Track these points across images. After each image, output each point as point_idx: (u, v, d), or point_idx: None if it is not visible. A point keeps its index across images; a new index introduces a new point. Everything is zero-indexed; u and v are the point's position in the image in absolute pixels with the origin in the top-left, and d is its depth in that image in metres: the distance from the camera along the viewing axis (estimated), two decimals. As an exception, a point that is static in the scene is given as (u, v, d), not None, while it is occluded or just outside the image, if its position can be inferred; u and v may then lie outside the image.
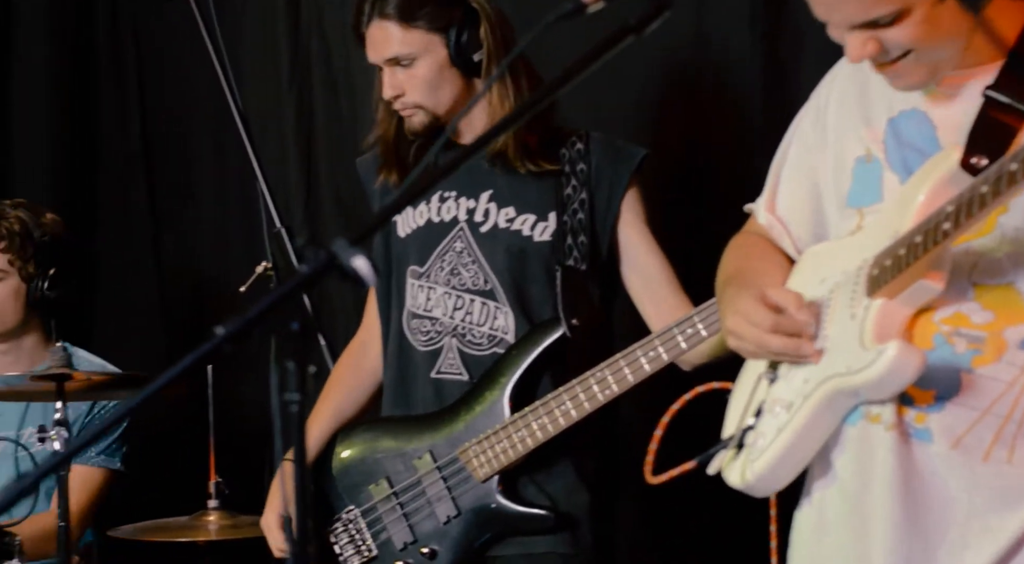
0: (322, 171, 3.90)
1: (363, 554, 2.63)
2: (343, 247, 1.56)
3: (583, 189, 2.59)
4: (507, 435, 2.53)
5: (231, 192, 4.11)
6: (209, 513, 3.12)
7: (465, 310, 2.61)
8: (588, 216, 2.59)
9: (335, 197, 3.85)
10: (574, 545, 2.55)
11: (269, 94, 3.93)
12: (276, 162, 3.69)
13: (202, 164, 4.24)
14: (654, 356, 2.46)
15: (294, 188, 3.89)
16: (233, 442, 3.22)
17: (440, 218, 2.64)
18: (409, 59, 2.57)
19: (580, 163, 2.60)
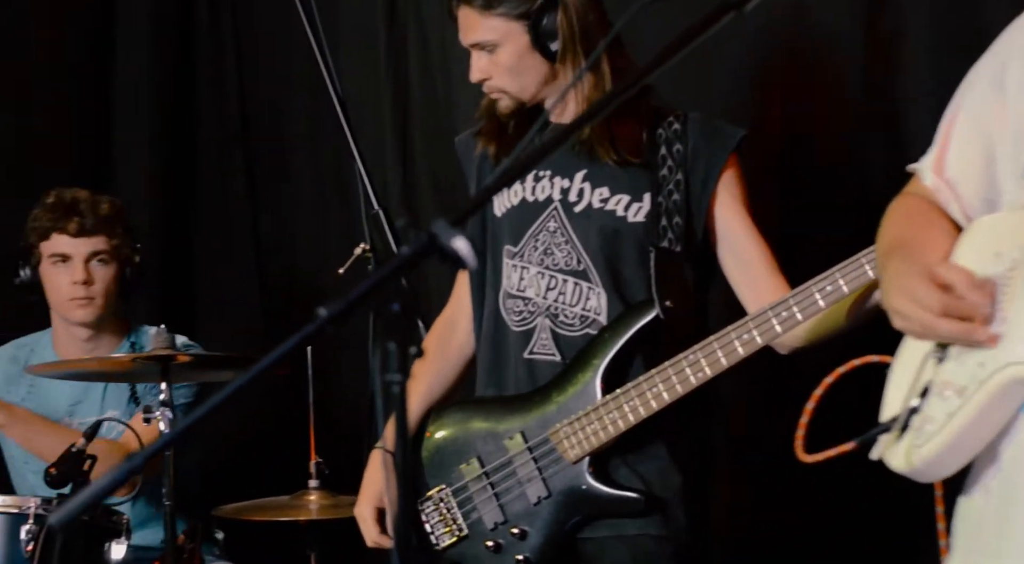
0: (418, 153, 3.91)
1: (453, 533, 2.63)
2: (443, 228, 1.56)
3: (679, 170, 2.57)
4: (598, 417, 2.52)
5: (328, 175, 4.15)
6: (310, 493, 3.15)
7: (558, 290, 2.60)
8: (683, 197, 2.56)
9: (431, 179, 3.86)
10: (666, 527, 2.54)
11: (366, 76, 3.96)
12: (373, 144, 3.72)
13: (299, 147, 4.28)
14: (748, 339, 2.44)
15: (390, 170, 3.91)
16: (333, 422, 3.25)
17: (534, 197, 2.64)
18: (491, 45, 2.57)
19: (676, 144, 2.58)
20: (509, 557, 2.57)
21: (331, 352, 3.43)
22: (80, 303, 3.49)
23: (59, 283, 3.50)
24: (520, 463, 2.58)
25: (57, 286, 3.51)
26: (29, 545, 2.84)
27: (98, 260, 3.51)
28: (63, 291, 3.50)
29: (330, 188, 4.13)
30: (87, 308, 3.50)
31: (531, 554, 2.56)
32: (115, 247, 3.52)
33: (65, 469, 2.93)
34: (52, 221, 3.50)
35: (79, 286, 3.48)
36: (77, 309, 3.51)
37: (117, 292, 3.56)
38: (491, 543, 2.59)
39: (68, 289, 3.49)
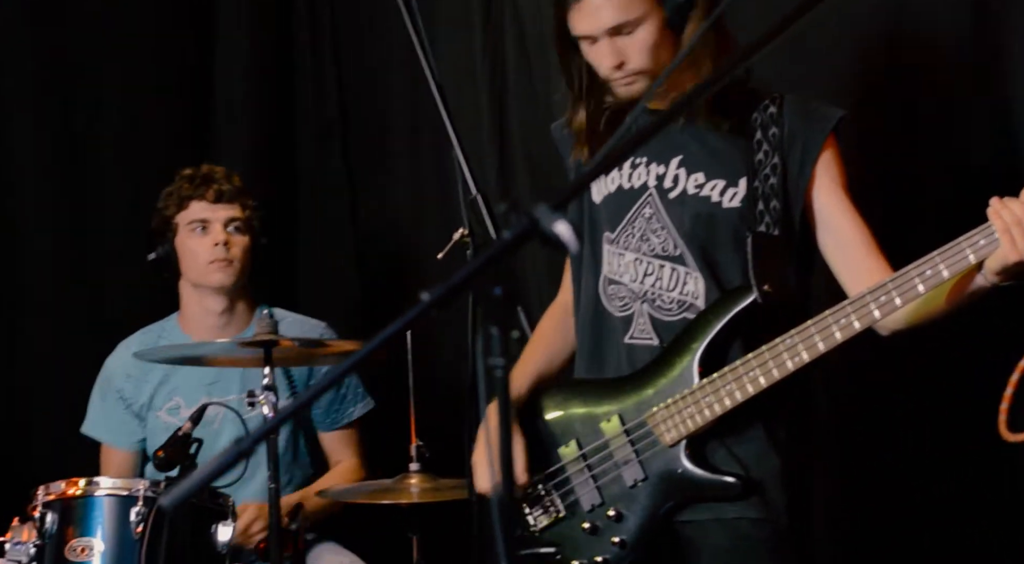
0: (515, 137, 3.91)
1: (551, 514, 2.64)
2: (545, 212, 1.56)
3: (775, 154, 2.54)
4: (695, 400, 2.51)
5: (426, 159, 4.17)
6: (411, 476, 3.17)
7: (655, 276, 2.59)
8: (780, 181, 2.53)
9: (528, 163, 3.86)
10: (765, 510, 2.52)
11: (462, 61, 3.97)
12: (469, 129, 3.72)
13: (397, 134, 4.31)
14: (845, 324, 2.41)
15: (487, 154, 3.92)
16: (433, 406, 3.27)
17: (630, 184, 2.63)
18: (633, 25, 2.53)
19: (772, 127, 2.55)
20: (605, 539, 2.58)
21: (431, 336, 3.44)
22: (220, 265, 3.56)
23: (198, 249, 3.57)
24: (617, 446, 2.59)
25: (195, 252, 3.58)
26: (139, 527, 2.89)
27: (235, 227, 3.59)
28: (203, 256, 3.57)
29: (428, 174, 4.15)
30: (226, 270, 3.57)
31: (627, 536, 2.56)
32: (248, 217, 3.61)
33: (172, 453, 2.98)
34: (191, 190, 3.58)
35: (219, 248, 3.55)
36: (216, 272, 3.57)
37: (250, 263, 3.63)
38: (588, 525, 2.60)
39: (208, 253, 3.56)
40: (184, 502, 1.68)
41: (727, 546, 2.53)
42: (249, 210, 3.62)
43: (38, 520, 2.95)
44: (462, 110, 3.74)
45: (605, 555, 2.58)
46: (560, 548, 2.62)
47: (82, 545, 2.92)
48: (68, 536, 2.94)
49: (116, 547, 2.92)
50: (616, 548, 2.57)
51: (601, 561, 2.58)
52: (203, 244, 3.56)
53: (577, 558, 2.60)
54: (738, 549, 2.53)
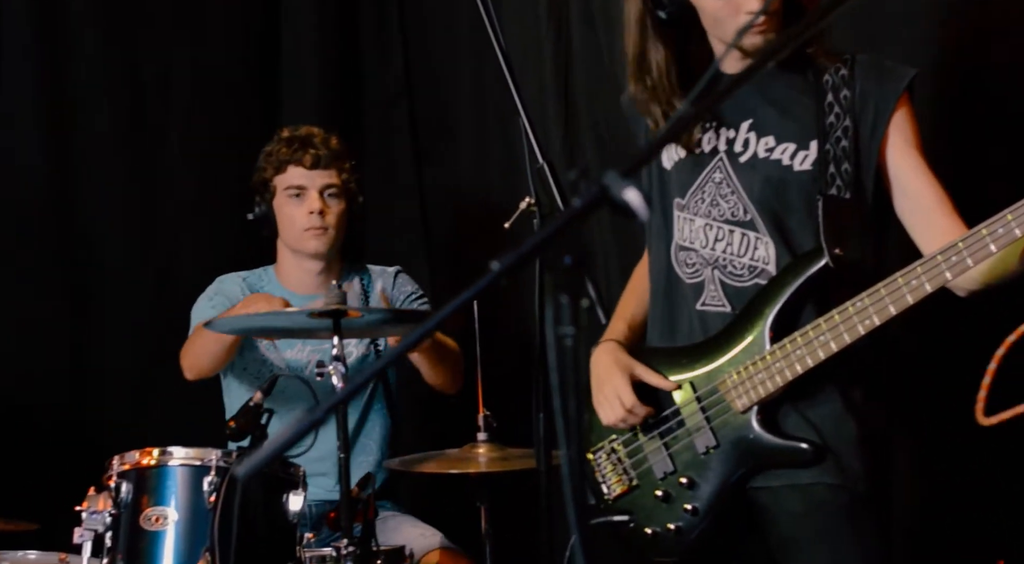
0: (581, 105, 3.89)
1: (624, 482, 2.64)
2: (614, 180, 1.54)
3: (846, 116, 2.51)
4: (766, 367, 2.49)
5: (491, 128, 4.16)
6: (478, 446, 3.18)
7: (726, 242, 2.57)
8: (852, 144, 2.50)
9: (594, 131, 3.84)
10: (841, 476, 2.50)
11: (527, 28, 3.95)
12: (534, 97, 3.71)
13: (463, 102, 4.30)
14: (916, 286, 2.38)
15: (553, 123, 3.90)
16: (500, 376, 3.27)
17: (700, 149, 2.61)
18: None
19: (844, 89, 2.52)
20: (678, 506, 2.58)
21: (498, 306, 3.44)
22: (315, 233, 3.61)
23: (295, 215, 3.62)
24: (689, 413, 2.58)
25: (292, 218, 3.63)
26: (211, 496, 2.92)
27: (330, 193, 3.62)
28: (299, 222, 3.62)
29: (494, 142, 4.14)
30: (321, 238, 3.62)
31: (699, 504, 2.56)
32: (344, 181, 3.64)
33: (244, 423, 3.01)
34: (288, 154, 3.62)
35: (315, 216, 3.59)
36: (312, 239, 3.62)
37: (346, 227, 3.67)
38: (660, 493, 2.59)
39: (304, 220, 3.60)
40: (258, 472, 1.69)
41: (801, 512, 2.51)
42: (346, 174, 3.64)
43: (113, 490, 2.98)
44: (526, 78, 3.73)
45: (678, 522, 2.57)
46: (633, 516, 2.62)
47: (156, 514, 2.95)
48: (143, 505, 2.97)
49: (190, 516, 2.94)
50: (688, 515, 2.56)
51: (674, 528, 2.57)
52: (299, 210, 3.60)
53: (650, 525, 2.60)
54: (813, 515, 2.51)
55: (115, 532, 2.97)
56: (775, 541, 2.55)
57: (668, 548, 2.60)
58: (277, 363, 3.61)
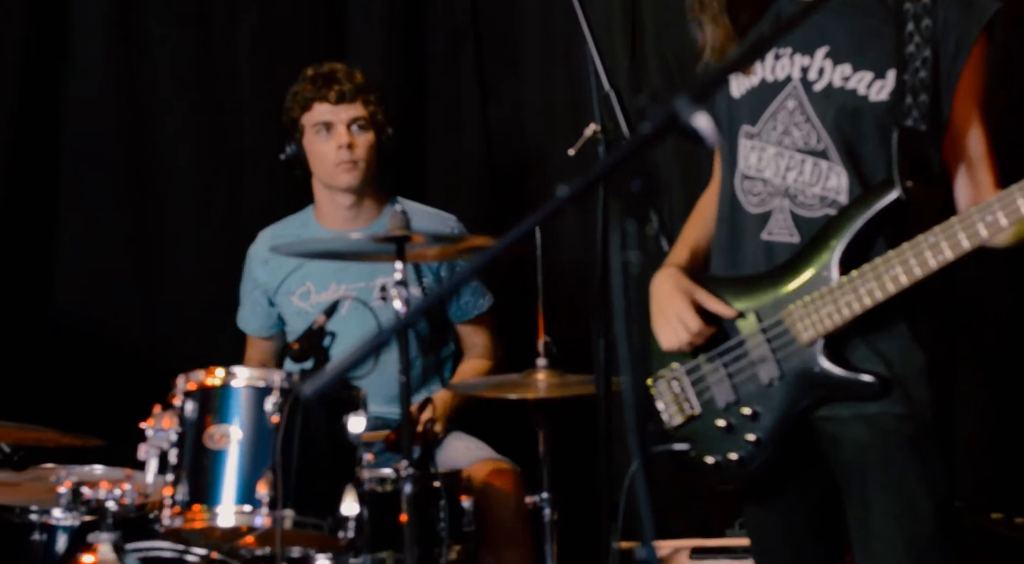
0: (648, 33, 3.86)
1: (685, 411, 2.63)
2: (684, 105, 1.53)
3: (927, 46, 2.46)
4: (833, 299, 2.46)
5: (557, 55, 4.13)
6: (538, 371, 3.18)
7: (797, 171, 2.54)
8: (931, 75, 2.46)
9: (660, 60, 3.81)
10: (909, 406, 2.47)
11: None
12: (601, 25, 3.67)
13: (529, 29, 4.27)
14: (992, 221, 2.33)
15: (619, 52, 3.87)
16: (561, 301, 3.27)
17: (774, 77, 2.57)
18: None
19: (925, 18, 2.47)
20: (740, 437, 2.57)
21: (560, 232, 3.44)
22: (346, 167, 3.65)
23: (324, 151, 3.66)
24: (753, 344, 2.56)
25: (322, 154, 3.66)
26: (274, 416, 2.96)
27: (358, 126, 3.65)
28: (329, 158, 3.66)
29: (559, 69, 4.12)
30: (352, 172, 3.65)
31: (762, 434, 2.54)
32: (372, 113, 3.67)
33: (306, 345, 3.04)
34: (313, 92, 3.65)
35: (344, 150, 3.63)
36: (343, 174, 3.66)
37: (377, 160, 3.69)
38: (723, 422, 2.58)
39: (333, 155, 3.65)
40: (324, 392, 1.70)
41: (868, 440, 2.49)
42: (372, 105, 3.66)
43: (178, 408, 3.03)
44: (593, 7, 3.69)
45: (740, 453, 2.56)
46: (694, 445, 2.62)
47: (220, 433, 2.99)
48: (207, 424, 3.01)
49: (253, 435, 2.98)
50: (751, 446, 2.55)
51: (736, 459, 2.57)
52: (328, 146, 3.64)
53: (711, 455, 2.60)
54: (880, 444, 2.49)
55: (180, 449, 3.02)
56: (840, 469, 2.54)
57: (729, 477, 2.59)
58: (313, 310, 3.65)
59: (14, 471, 3.43)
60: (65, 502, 3.13)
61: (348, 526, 3.00)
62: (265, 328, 3.89)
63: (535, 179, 4.21)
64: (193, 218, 4.34)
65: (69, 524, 3.29)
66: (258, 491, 2.92)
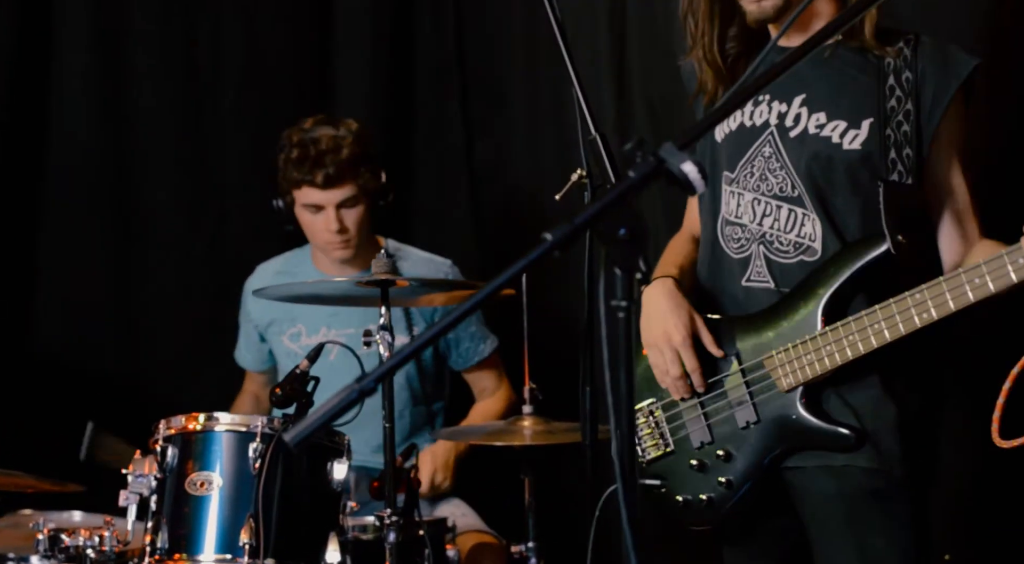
0: (634, 78, 3.86)
1: (659, 446, 2.64)
2: (671, 152, 1.53)
3: (908, 100, 2.47)
4: (816, 348, 2.46)
5: (543, 99, 4.13)
6: (524, 418, 3.16)
7: (772, 217, 2.55)
8: (914, 128, 2.47)
9: (647, 104, 3.81)
10: (878, 460, 2.48)
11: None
12: (587, 69, 3.68)
13: (515, 73, 4.28)
14: (979, 284, 2.33)
15: (605, 96, 3.87)
16: (547, 348, 3.25)
17: (752, 122, 2.58)
18: None
19: (906, 71, 2.48)
20: (712, 478, 2.57)
21: (546, 278, 3.42)
22: (337, 246, 3.67)
23: (316, 229, 3.68)
24: (732, 386, 2.56)
25: (314, 231, 3.69)
26: (256, 462, 2.92)
27: (347, 206, 3.63)
28: (320, 236, 3.67)
29: (545, 113, 4.12)
30: (344, 250, 3.68)
31: (734, 477, 2.55)
32: (361, 187, 3.64)
33: (289, 390, 3.01)
34: (301, 173, 3.62)
35: (334, 234, 3.63)
36: (335, 251, 3.68)
37: (369, 221, 3.69)
38: (695, 462, 2.59)
39: (324, 235, 3.66)
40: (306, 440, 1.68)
41: (832, 493, 2.50)
42: (363, 178, 3.62)
43: (159, 453, 2.99)
44: (579, 48, 3.69)
45: (710, 493, 2.57)
46: (665, 481, 2.62)
47: (201, 479, 2.96)
48: (188, 470, 2.97)
49: (234, 481, 2.95)
50: (722, 488, 2.56)
51: (705, 499, 2.57)
52: (318, 223, 3.65)
53: (682, 493, 2.60)
54: (844, 498, 2.49)
55: (160, 496, 2.98)
56: (806, 521, 2.54)
57: (699, 517, 2.60)
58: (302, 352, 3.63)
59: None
60: (43, 549, 3.10)
61: (331, 575, 2.96)
62: (257, 362, 3.90)
63: (521, 221, 4.20)
64: (176, 254, 4.32)
65: (47, 572, 3.24)
66: (240, 539, 2.88)
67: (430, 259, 3.77)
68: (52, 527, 3.12)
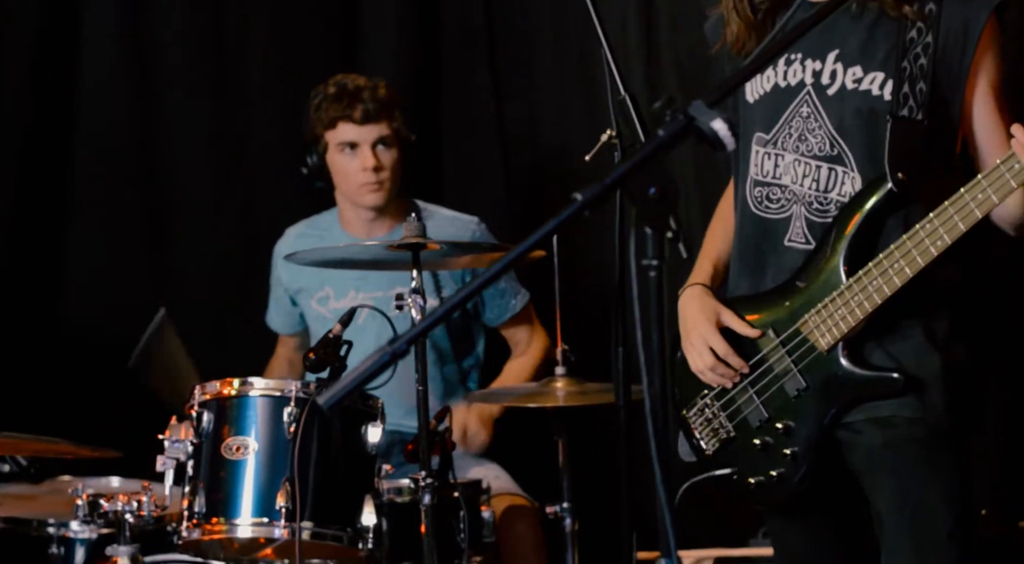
0: (663, 37, 3.84)
1: (720, 436, 2.62)
2: (701, 110, 1.52)
3: (928, 32, 2.42)
4: (844, 301, 2.44)
5: (571, 62, 4.12)
6: (557, 380, 3.16)
7: (812, 177, 2.52)
8: (931, 62, 2.42)
9: (676, 65, 3.79)
10: (922, 409, 2.45)
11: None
12: (616, 29, 3.66)
13: (544, 33, 4.25)
14: (983, 199, 2.31)
15: (634, 56, 3.85)
16: (579, 309, 3.25)
17: (786, 82, 2.55)
18: None
19: (929, 3, 2.44)
20: (778, 452, 2.55)
21: (577, 239, 3.41)
22: (371, 187, 3.64)
23: (349, 170, 3.65)
24: (775, 359, 2.55)
25: (347, 173, 3.65)
26: (291, 426, 2.94)
27: (383, 145, 3.63)
28: (354, 178, 3.65)
29: (573, 75, 4.10)
30: (378, 192, 3.65)
31: (799, 447, 2.53)
32: (396, 130, 3.65)
33: (323, 355, 3.02)
34: (338, 110, 3.62)
35: (369, 172, 3.61)
36: (368, 194, 3.65)
37: (401, 171, 3.68)
38: (759, 441, 2.57)
39: (359, 176, 3.64)
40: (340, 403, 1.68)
41: (879, 444, 2.48)
42: (397, 122, 3.64)
43: (195, 419, 3.01)
44: (608, 9, 3.67)
45: (780, 469, 2.55)
46: (735, 469, 2.60)
47: (237, 443, 2.98)
48: (224, 435, 2.99)
49: (270, 446, 2.97)
50: (790, 460, 2.54)
51: (776, 475, 2.55)
52: (353, 165, 3.63)
53: (753, 475, 2.58)
54: (891, 447, 2.47)
55: (196, 461, 3.00)
56: (858, 476, 2.53)
57: (774, 495, 2.57)
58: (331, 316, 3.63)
59: (31, 484, 3.43)
60: (82, 515, 3.13)
61: (367, 537, 2.98)
62: (289, 326, 3.90)
63: (552, 182, 4.19)
64: (207, 226, 4.33)
65: (87, 537, 3.28)
66: (277, 502, 2.90)
67: (456, 217, 3.76)
68: (91, 493, 3.14)
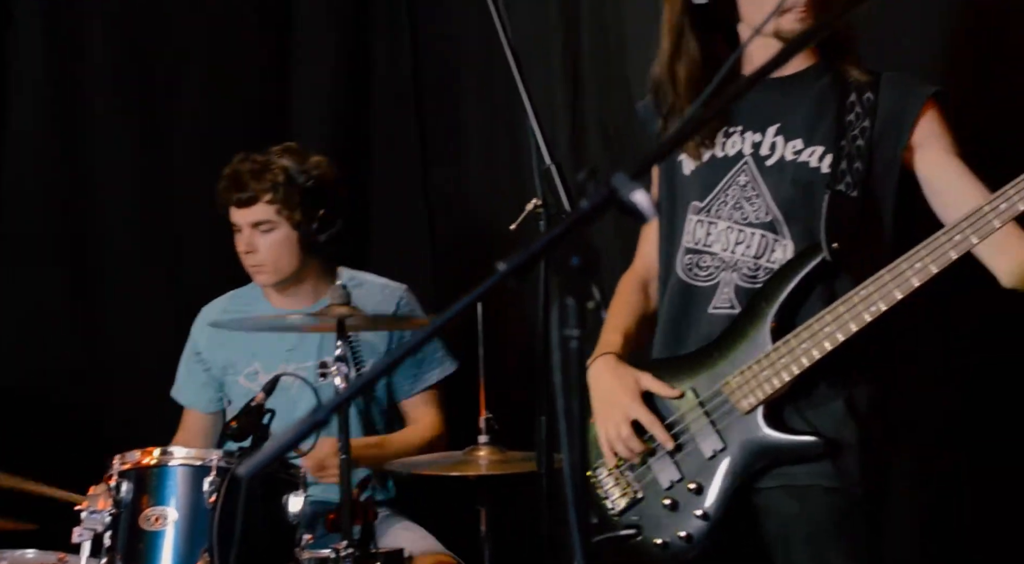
0: (588, 105, 3.87)
1: (628, 495, 2.61)
2: (623, 181, 1.53)
3: (867, 117, 2.49)
4: (770, 363, 2.46)
5: (499, 129, 4.15)
6: (480, 448, 3.15)
7: (745, 244, 2.55)
8: (867, 144, 2.48)
9: (601, 133, 3.82)
10: (837, 478, 2.48)
11: (535, 27, 3.93)
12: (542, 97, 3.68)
13: (471, 102, 4.29)
14: (920, 268, 2.35)
15: (560, 123, 3.88)
16: (503, 378, 3.25)
17: (724, 153, 2.59)
18: None
19: (868, 92, 2.51)
20: (687, 513, 2.55)
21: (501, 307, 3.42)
22: (253, 270, 3.64)
23: (239, 251, 3.65)
24: (692, 419, 2.55)
25: (239, 254, 3.65)
26: (212, 496, 2.90)
27: (261, 230, 3.61)
28: (241, 258, 3.65)
29: (501, 142, 4.13)
30: (261, 274, 3.65)
31: (709, 508, 2.53)
32: (277, 212, 3.59)
33: (245, 423, 2.99)
34: (228, 193, 3.62)
35: (246, 256, 3.63)
36: (255, 275, 3.67)
37: (295, 252, 3.63)
38: (668, 501, 2.56)
39: (243, 257, 3.64)
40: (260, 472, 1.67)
41: (795, 512, 2.50)
42: (276, 203, 3.57)
43: (113, 489, 2.97)
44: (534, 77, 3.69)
45: (688, 530, 2.54)
46: (640, 528, 2.59)
47: (156, 514, 2.94)
48: (143, 505, 2.96)
49: (190, 516, 2.93)
50: (699, 521, 2.53)
51: (684, 536, 2.54)
52: (241, 248, 3.65)
53: (659, 536, 2.57)
54: (806, 516, 2.49)
55: (114, 532, 2.96)
56: (768, 541, 2.53)
57: (679, 556, 2.57)
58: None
59: (-57, 556, 3.34)
60: (-3, 588, 3.06)
61: (287, 608, 2.94)
62: (201, 402, 3.79)
63: (477, 248, 4.20)
64: (133, 288, 4.30)
65: (0, 611, 3.21)
66: (195, 574, 2.86)
67: (385, 285, 3.75)
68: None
